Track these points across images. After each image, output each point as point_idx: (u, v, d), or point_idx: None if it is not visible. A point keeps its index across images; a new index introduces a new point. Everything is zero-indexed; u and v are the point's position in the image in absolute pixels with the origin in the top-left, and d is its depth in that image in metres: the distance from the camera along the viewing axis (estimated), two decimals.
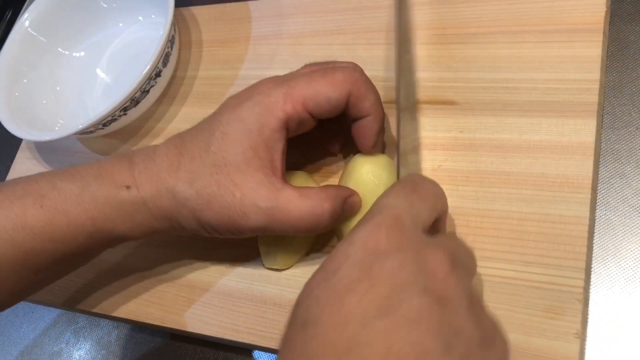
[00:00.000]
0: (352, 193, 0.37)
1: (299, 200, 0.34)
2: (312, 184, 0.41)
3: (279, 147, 0.36)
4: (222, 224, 0.35)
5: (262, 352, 0.42)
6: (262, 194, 0.34)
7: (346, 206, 0.36)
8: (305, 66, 0.39)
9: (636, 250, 0.35)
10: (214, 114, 0.37)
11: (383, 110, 0.38)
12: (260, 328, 0.39)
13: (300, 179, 0.41)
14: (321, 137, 0.42)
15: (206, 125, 0.37)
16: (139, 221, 0.37)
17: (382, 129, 0.39)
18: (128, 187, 0.36)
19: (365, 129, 0.37)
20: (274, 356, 0.41)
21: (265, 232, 0.36)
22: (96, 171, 0.37)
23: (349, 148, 0.42)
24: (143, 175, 0.36)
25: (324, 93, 0.35)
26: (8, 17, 0.72)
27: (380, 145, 0.39)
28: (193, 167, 0.35)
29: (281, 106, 0.35)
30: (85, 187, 0.36)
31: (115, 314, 0.44)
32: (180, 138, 0.38)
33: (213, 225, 0.36)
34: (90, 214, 0.36)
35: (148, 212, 0.36)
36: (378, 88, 0.43)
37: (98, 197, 0.36)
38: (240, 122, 0.35)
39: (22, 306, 0.52)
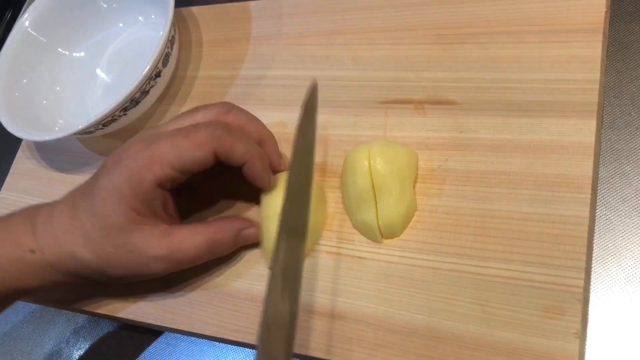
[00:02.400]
0: (248, 226, 0.40)
1: (191, 238, 0.38)
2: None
3: (158, 201, 0.38)
4: (129, 276, 0.39)
5: None
6: (155, 245, 0.37)
7: (240, 237, 0.40)
8: (174, 119, 0.40)
9: (636, 250, 0.35)
10: (96, 174, 0.39)
11: (258, 150, 0.39)
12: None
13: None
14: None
15: (89, 189, 0.38)
16: (48, 278, 0.39)
17: (267, 165, 0.39)
18: (32, 252, 0.38)
19: (249, 175, 0.38)
20: None
21: (170, 271, 0.39)
22: (2, 234, 0.39)
23: (346, 145, 0.42)
24: (45, 239, 0.38)
25: (188, 155, 0.36)
26: (8, 17, 0.72)
27: (283, 164, 0.41)
28: (85, 232, 0.37)
29: (148, 169, 0.36)
30: None
31: (115, 314, 0.44)
32: (72, 199, 0.39)
33: (121, 277, 0.39)
34: None
35: (56, 272, 0.39)
36: (378, 88, 0.44)
37: (4, 261, 0.38)
38: (115, 188, 0.37)
39: (22, 306, 0.52)
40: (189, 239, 0.38)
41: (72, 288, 0.46)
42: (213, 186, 0.43)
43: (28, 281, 0.39)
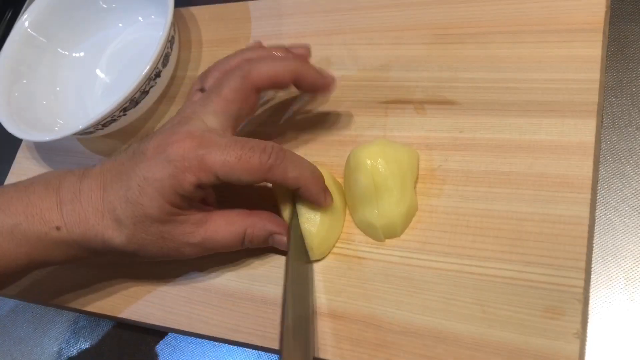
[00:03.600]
0: (280, 232, 0.39)
1: (226, 228, 0.38)
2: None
3: (197, 197, 0.37)
4: (160, 258, 0.39)
5: (263, 352, 0.42)
6: (189, 232, 0.37)
7: (271, 240, 0.39)
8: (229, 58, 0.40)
9: (636, 250, 0.35)
10: (134, 155, 0.37)
11: (311, 171, 0.38)
12: (260, 328, 0.39)
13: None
14: None
15: (125, 170, 0.37)
16: (73, 254, 0.39)
17: (322, 184, 0.38)
18: (58, 228, 0.37)
19: (304, 197, 0.38)
20: (274, 356, 0.41)
21: (201, 255, 0.39)
22: (25, 208, 0.38)
23: (346, 145, 0.42)
24: (71, 217, 0.37)
25: (236, 175, 0.36)
26: (8, 17, 0.72)
27: (329, 196, 0.39)
28: (116, 216, 0.37)
29: (194, 172, 0.35)
30: (16, 226, 0.37)
31: (115, 314, 0.44)
32: (103, 177, 0.38)
33: (150, 257, 0.39)
34: (24, 249, 0.37)
35: (81, 249, 0.38)
36: (378, 88, 0.44)
37: (30, 236, 0.37)
38: (155, 181, 0.36)
39: (22, 306, 0.52)
40: (223, 228, 0.38)
41: (72, 288, 0.46)
42: None
43: (54, 256, 0.38)
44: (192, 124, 0.37)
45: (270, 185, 0.43)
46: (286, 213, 0.40)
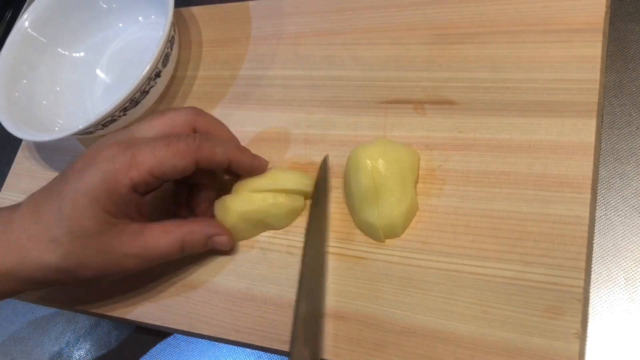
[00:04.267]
0: (219, 233, 0.40)
1: (164, 236, 0.38)
2: (305, 180, 0.41)
3: (132, 204, 0.37)
4: (101, 276, 0.38)
5: (263, 352, 0.42)
6: (127, 244, 0.37)
7: (210, 242, 0.40)
8: (147, 120, 0.40)
9: (636, 250, 0.35)
10: (63, 176, 0.38)
11: (237, 145, 0.41)
12: (260, 328, 0.39)
13: (296, 176, 0.41)
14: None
15: (56, 190, 0.37)
16: (8, 288, 0.37)
17: (247, 156, 0.40)
18: None
19: (238, 171, 0.40)
20: (274, 356, 0.41)
21: (142, 268, 0.38)
22: None
23: (346, 145, 0.42)
24: (4, 248, 0.37)
25: (169, 162, 0.36)
26: (8, 17, 0.72)
27: (262, 159, 0.41)
28: (52, 236, 0.36)
29: (126, 173, 0.35)
30: None
31: (115, 314, 0.44)
32: (34, 203, 0.38)
33: (91, 278, 0.38)
34: None
35: (15, 281, 0.37)
36: (378, 88, 0.44)
37: None
38: (87, 190, 0.35)
39: (22, 306, 0.52)
40: (160, 237, 0.38)
41: (72, 288, 0.46)
42: (212, 183, 0.43)
43: None
44: (119, 135, 0.38)
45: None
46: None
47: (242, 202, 0.40)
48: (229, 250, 0.42)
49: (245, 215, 0.40)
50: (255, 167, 0.41)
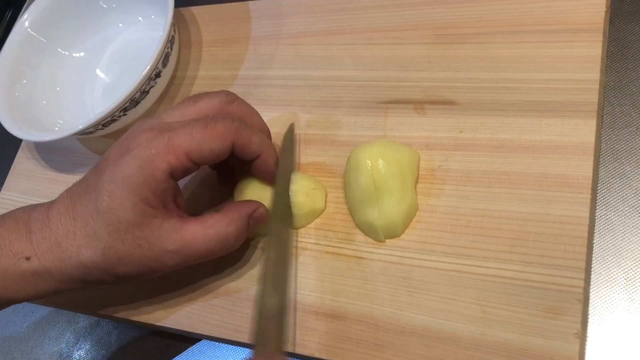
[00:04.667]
0: (256, 207, 0.38)
1: (203, 232, 0.36)
2: (312, 184, 0.41)
3: (169, 193, 0.36)
4: (140, 273, 0.36)
5: None
6: (166, 238, 0.35)
7: (252, 220, 0.38)
8: (180, 107, 0.39)
9: (636, 250, 0.35)
10: (97, 168, 0.37)
11: (271, 143, 0.39)
12: None
13: (302, 180, 0.41)
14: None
15: (91, 183, 0.36)
16: (42, 288, 0.37)
17: (277, 159, 0.39)
18: (28, 259, 0.36)
19: (261, 167, 0.39)
20: None
21: (182, 266, 0.37)
22: None
23: (346, 145, 0.42)
24: (42, 244, 0.36)
25: (207, 145, 0.35)
26: (8, 17, 0.72)
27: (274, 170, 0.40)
28: (89, 231, 0.35)
29: (163, 158, 0.34)
30: None
31: (115, 314, 0.44)
32: (70, 199, 0.37)
33: (130, 276, 0.37)
34: None
35: (54, 279, 0.36)
36: (378, 88, 0.44)
37: None
38: (124, 179, 0.34)
39: (22, 306, 0.52)
40: (201, 233, 0.36)
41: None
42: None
43: (20, 290, 0.36)
44: (149, 121, 0.37)
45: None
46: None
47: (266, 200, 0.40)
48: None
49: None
50: (273, 172, 0.39)
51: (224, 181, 0.44)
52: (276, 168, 0.39)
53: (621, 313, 0.34)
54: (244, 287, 0.41)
